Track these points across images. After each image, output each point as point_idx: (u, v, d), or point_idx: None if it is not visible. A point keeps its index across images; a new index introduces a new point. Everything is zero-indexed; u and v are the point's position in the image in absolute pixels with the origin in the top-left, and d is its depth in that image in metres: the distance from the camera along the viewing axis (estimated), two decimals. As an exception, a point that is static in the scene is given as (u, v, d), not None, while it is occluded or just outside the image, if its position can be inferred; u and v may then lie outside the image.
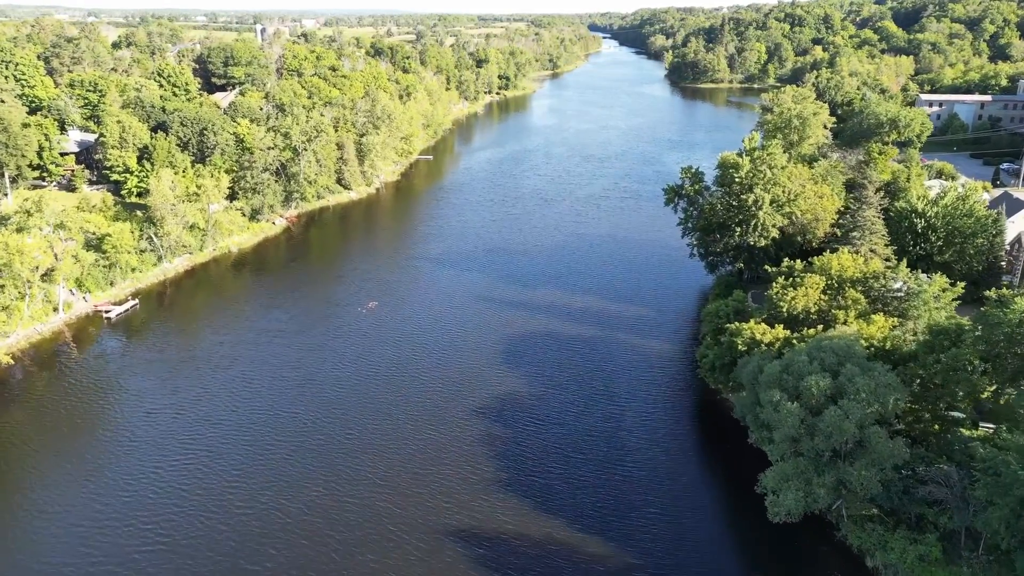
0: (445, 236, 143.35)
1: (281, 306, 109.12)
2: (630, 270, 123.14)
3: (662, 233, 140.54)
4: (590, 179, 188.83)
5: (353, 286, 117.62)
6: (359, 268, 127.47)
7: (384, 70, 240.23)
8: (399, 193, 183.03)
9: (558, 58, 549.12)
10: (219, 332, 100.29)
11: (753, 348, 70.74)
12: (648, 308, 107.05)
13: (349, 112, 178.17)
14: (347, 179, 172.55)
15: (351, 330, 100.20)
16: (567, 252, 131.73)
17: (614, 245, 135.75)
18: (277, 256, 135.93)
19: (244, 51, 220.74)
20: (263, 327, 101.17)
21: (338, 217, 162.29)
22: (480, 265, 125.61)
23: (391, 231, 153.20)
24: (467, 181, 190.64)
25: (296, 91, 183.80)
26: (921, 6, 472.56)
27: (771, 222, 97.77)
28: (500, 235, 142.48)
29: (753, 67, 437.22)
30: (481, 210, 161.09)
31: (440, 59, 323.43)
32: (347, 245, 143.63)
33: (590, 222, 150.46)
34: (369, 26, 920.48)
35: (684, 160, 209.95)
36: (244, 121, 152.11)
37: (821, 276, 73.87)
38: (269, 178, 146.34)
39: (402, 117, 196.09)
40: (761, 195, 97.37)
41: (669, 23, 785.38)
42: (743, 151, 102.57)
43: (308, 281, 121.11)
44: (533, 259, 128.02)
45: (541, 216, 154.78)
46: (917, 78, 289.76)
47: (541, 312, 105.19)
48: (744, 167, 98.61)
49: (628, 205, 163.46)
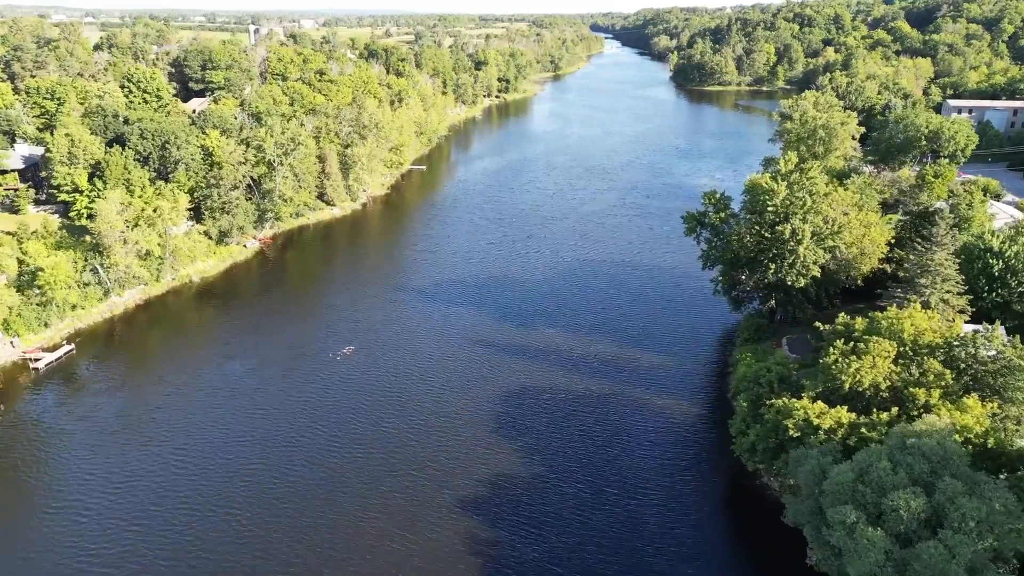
0: (435, 262, 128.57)
1: (241, 353, 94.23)
2: (640, 303, 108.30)
3: (675, 257, 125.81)
4: (594, 193, 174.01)
5: (328, 324, 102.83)
6: (337, 303, 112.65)
7: (375, 74, 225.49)
8: (387, 209, 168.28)
9: (560, 59, 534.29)
10: (165, 386, 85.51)
11: (808, 434, 55.97)
12: (663, 354, 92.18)
13: (332, 121, 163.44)
14: (330, 194, 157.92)
15: (320, 385, 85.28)
16: (569, 282, 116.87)
17: (622, 272, 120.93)
18: (246, 285, 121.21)
19: (224, 54, 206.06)
20: (216, 382, 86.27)
21: (319, 237, 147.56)
22: (473, 298, 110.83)
23: (375, 255, 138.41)
24: (462, 195, 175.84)
25: (276, 98, 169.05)
26: (934, 6, 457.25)
27: (812, 258, 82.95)
28: (496, 261, 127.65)
29: (762, 69, 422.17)
30: (476, 230, 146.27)
31: (437, 61, 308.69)
32: (326, 272, 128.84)
33: (594, 245, 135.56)
34: (369, 26, 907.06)
35: (694, 171, 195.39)
36: (214, 132, 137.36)
37: (891, 341, 58.95)
38: (240, 196, 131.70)
39: (391, 125, 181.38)
40: (800, 227, 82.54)
41: (673, 23, 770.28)
42: (777, 174, 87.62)
43: (277, 318, 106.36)
44: (532, 291, 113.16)
45: (541, 238, 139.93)
46: (938, 81, 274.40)
47: (540, 360, 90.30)
48: (779, 193, 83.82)
49: (636, 224, 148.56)
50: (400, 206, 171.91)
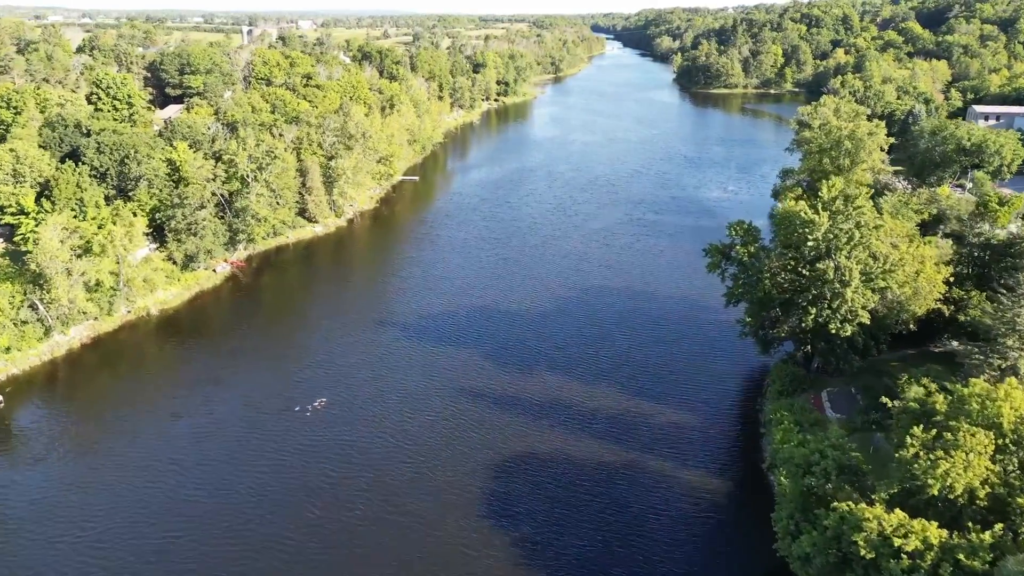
0: (423, 291, 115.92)
1: (192, 410, 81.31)
2: (652, 342, 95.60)
3: (689, 284, 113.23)
4: (598, 208, 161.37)
5: (299, 369, 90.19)
6: (311, 341, 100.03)
7: (366, 78, 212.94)
8: (375, 225, 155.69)
9: (561, 61, 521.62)
10: (95, 456, 72.68)
11: (886, 556, 43.37)
12: (681, 407, 79.56)
13: (315, 130, 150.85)
14: (311, 210, 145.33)
15: (277, 455, 72.35)
16: (572, 317, 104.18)
17: (630, 304, 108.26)
18: (211, 318, 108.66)
19: (203, 57, 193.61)
20: (156, 450, 73.19)
21: (299, 258, 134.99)
22: (462, 337, 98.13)
23: (358, 281, 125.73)
24: (456, 210, 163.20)
25: (256, 105, 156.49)
26: (946, 6, 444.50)
27: (861, 302, 70.34)
28: (490, 290, 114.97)
29: (769, 71, 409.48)
30: (469, 252, 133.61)
31: (433, 64, 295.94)
32: (302, 301, 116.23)
33: (599, 270, 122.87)
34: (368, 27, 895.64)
35: (705, 183, 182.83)
36: (182, 145, 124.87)
37: (986, 431, 46.29)
38: (208, 216, 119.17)
39: (380, 134, 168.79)
40: (847, 266, 69.91)
41: (675, 24, 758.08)
42: (819, 203, 74.77)
43: (240, 360, 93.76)
44: (529, 329, 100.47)
45: (540, 261, 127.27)
46: (957, 85, 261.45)
47: (539, 419, 77.61)
48: (820, 226, 71.18)
49: (644, 245, 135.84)
50: (389, 222, 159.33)
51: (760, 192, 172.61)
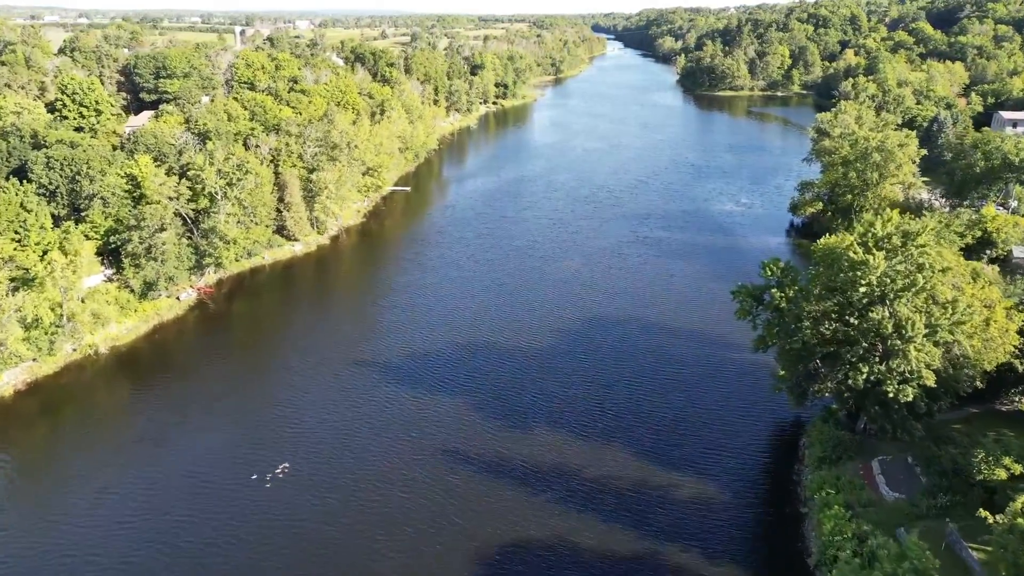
0: (408, 323, 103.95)
1: (124, 483, 69.38)
2: (663, 388, 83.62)
3: (703, 314, 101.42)
4: (601, 223, 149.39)
5: (261, 425, 78.31)
6: (278, 389, 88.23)
7: (356, 82, 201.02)
8: (361, 243, 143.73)
9: (561, 62, 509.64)
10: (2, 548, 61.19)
11: None
12: (703, 478, 67.59)
13: (295, 140, 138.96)
14: (291, 228, 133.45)
15: (227, 541, 60.76)
16: (573, 355, 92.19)
17: (637, 338, 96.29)
18: (169, 355, 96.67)
19: (180, 59, 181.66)
20: (72, 542, 61.70)
21: (275, 281, 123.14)
22: (451, 381, 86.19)
23: (337, 311, 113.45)
24: (449, 226, 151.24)
25: (232, 112, 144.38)
26: (956, 6, 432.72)
27: (925, 360, 58.42)
28: (483, 321, 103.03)
29: (776, 73, 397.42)
30: (461, 275, 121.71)
31: (428, 66, 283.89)
32: (274, 334, 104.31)
33: (603, 298, 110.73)
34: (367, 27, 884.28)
35: (715, 194, 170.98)
36: (144, 158, 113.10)
37: None
38: (171, 238, 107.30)
39: (368, 143, 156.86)
40: (908, 317, 58.02)
41: (677, 24, 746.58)
42: (869, 238, 62.68)
43: (196, 410, 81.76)
44: (525, 369, 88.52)
45: (539, 287, 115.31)
46: (976, 88, 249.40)
47: (535, 491, 65.61)
48: (876, 268, 59.21)
49: (652, 268, 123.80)
50: (376, 239, 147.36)
51: (776, 205, 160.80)
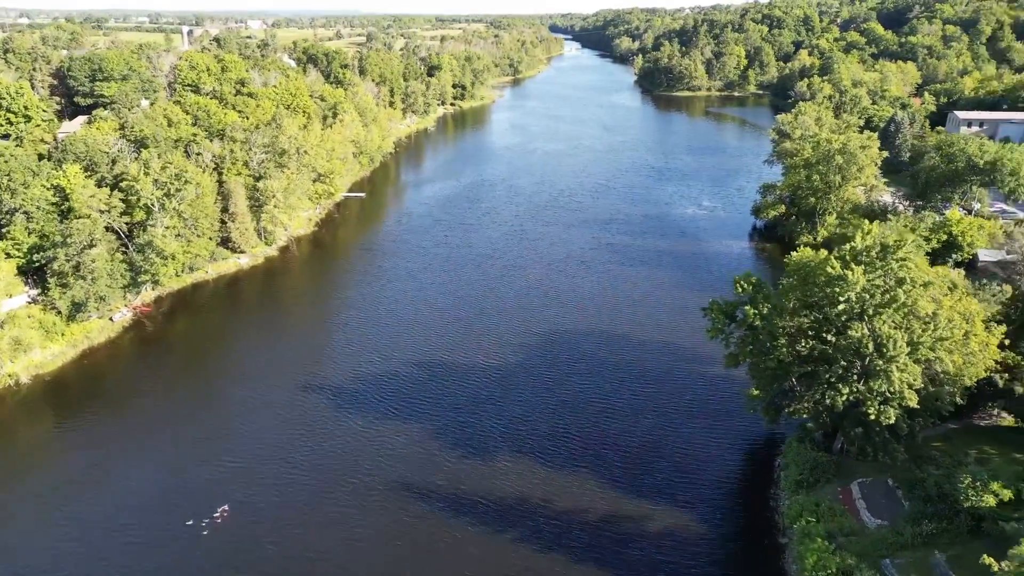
0: (362, 339, 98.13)
1: (30, 545, 62.78)
2: (630, 408, 79.37)
3: (669, 325, 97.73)
4: (564, 229, 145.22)
5: (201, 460, 71.95)
6: (218, 420, 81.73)
7: (307, 84, 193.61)
8: (313, 254, 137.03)
9: (519, 62, 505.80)
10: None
11: None
12: (677, 508, 63.44)
13: (240, 147, 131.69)
14: (236, 239, 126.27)
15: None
16: (535, 373, 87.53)
17: (601, 353, 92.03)
18: (98, 383, 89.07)
19: (118, 61, 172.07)
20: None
21: (220, 297, 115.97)
22: (405, 405, 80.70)
23: (286, 327, 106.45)
24: (405, 234, 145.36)
25: (173, 117, 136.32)
26: (905, 6, 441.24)
27: (908, 380, 55.18)
28: (440, 339, 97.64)
29: (732, 73, 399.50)
30: (418, 288, 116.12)
31: (384, 67, 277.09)
32: (216, 356, 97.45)
33: (565, 310, 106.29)
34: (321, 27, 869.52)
35: (677, 197, 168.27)
36: (73, 168, 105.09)
37: None
38: (101, 255, 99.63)
39: (319, 149, 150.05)
40: (890, 335, 54.69)
41: (634, 24, 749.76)
42: (849, 252, 59.16)
43: (123, 447, 74.88)
44: (485, 390, 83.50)
45: (499, 299, 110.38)
46: (929, 88, 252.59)
47: (499, 528, 60.78)
48: (855, 284, 55.74)
49: (616, 276, 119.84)
50: (329, 250, 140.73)
51: (738, 208, 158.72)
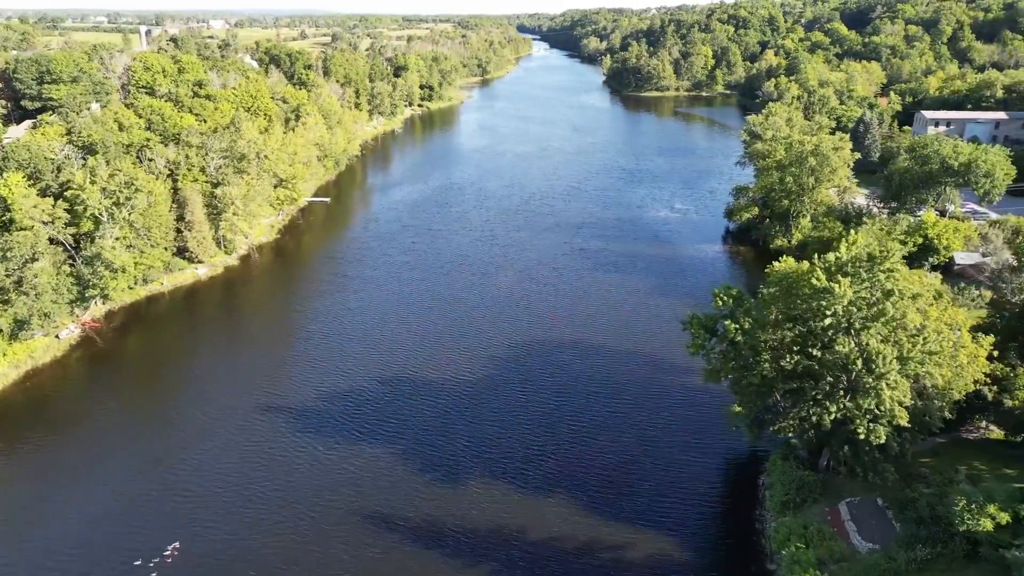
0: (325, 353, 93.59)
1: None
2: (604, 424, 76.22)
3: (644, 332, 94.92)
4: (535, 234, 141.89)
5: (151, 492, 67.03)
6: (170, 447, 76.71)
7: (269, 85, 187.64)
8: (275, 263, 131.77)
9: (487, 63, 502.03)
10: None
11: None
12: (658, 534, 60.26)
13: (196, 152, 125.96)
14: (193, 249, 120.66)
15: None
16: (505, 388, 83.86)
17: (574, 364, 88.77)
18: (42, 406, 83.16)
19: (67, 63, 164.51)
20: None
21: (176, 311, 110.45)
22: (370, 428, 76.52)
23: (245, 342, 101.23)
24: (372, 240, 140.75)
25: (124, 121, 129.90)
26: (867, 6, 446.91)
27: (898, 397, 52.71)
28: (407, 352, 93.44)
29: (700, 73, 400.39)
30: (384, 298, 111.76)
31: (349, 67, 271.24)
32: (169, 375, 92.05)
33: (538, 319, 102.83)
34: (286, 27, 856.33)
35: (649, 200, 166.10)
36: (15, 177, 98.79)
37: None
38: (45, 268, 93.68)
39: (279, 153, 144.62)
40: (879, 351, 52.14)
41: (602, 24, 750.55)
42: (835, 264, 56.46)
43: (69, 477, 69.63)
44: (452, 407, 79.67)
45: (470, 308, 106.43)
46: (894, 88, 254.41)
47: (469, 562, 57.17)
48: (842, 297, 53.08)
49: (589, 282, 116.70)
50: (292, 258, 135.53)
51: (710, 211, 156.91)
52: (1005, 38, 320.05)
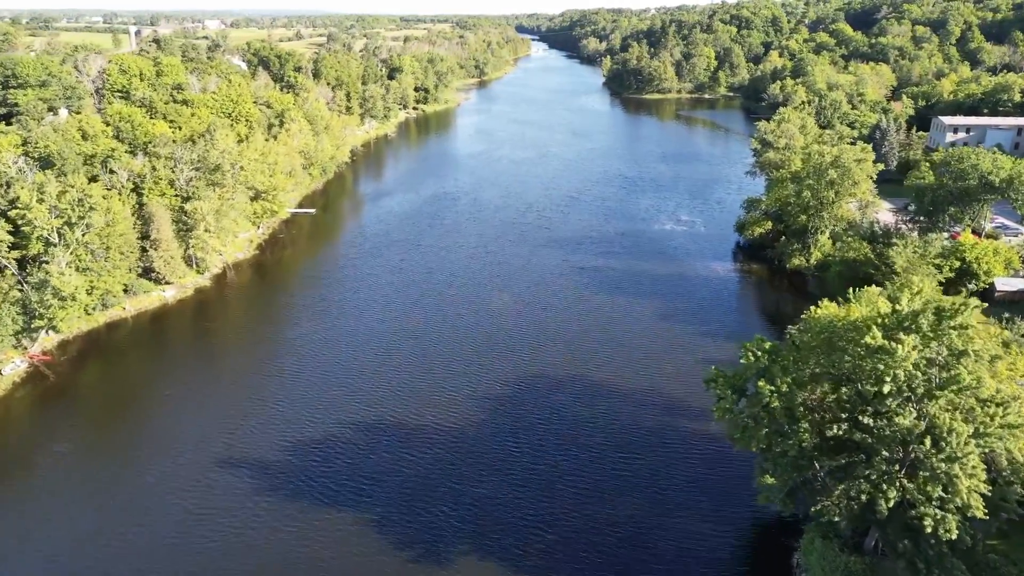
0: (296, 397, 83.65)
1: None
2: (616, 487, 66.52)
3: (653, 369, 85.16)
4: (532, 251, 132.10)
5: (95, 562, 57.33)
6: (125, 507, 66.94)
7: (252, 89, 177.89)
8: (252, 282, 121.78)
9: (485, 64, 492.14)
10: None
11: None
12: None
13: (164, 163, 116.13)
14: (160, 269, 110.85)
15: None
16: (500, 437, 74.13)
17: (578, 410, 78.91)
18: (-27, 459, 73.63)
19: (33, 66, 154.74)
20: None
21: (140, 338, 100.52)
22: (342, 488, 66.64)
23: (213, 377, 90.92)
24: (358, 257, 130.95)
25: (89, 130, 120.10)
26: (873, 7, 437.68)
27: (975, 486, 42.97)
28: (390, 393, 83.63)
29: (702, 75, 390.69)
30: (366, 326, 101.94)
31: (340, 70, 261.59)
32: (127, 415, 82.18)
33: (535, 352, 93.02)
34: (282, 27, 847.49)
35: (654, 212, 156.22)
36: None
37: None
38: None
39: (256, 164, 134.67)
40: (954, 428, 42.43)
41: (601, 25, 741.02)
42: (894, 318, 46.69)
43: (6, 543, 60.02)
44: (440, 466, 69.85)
45: (457, 340, 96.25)
46: (906, 91, 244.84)
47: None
48: (905, 358, 43.36)
49: (590, 307, 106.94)
50: (270, 277, 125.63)
51: (719, 223, 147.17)
52: (1016, 39, 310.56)
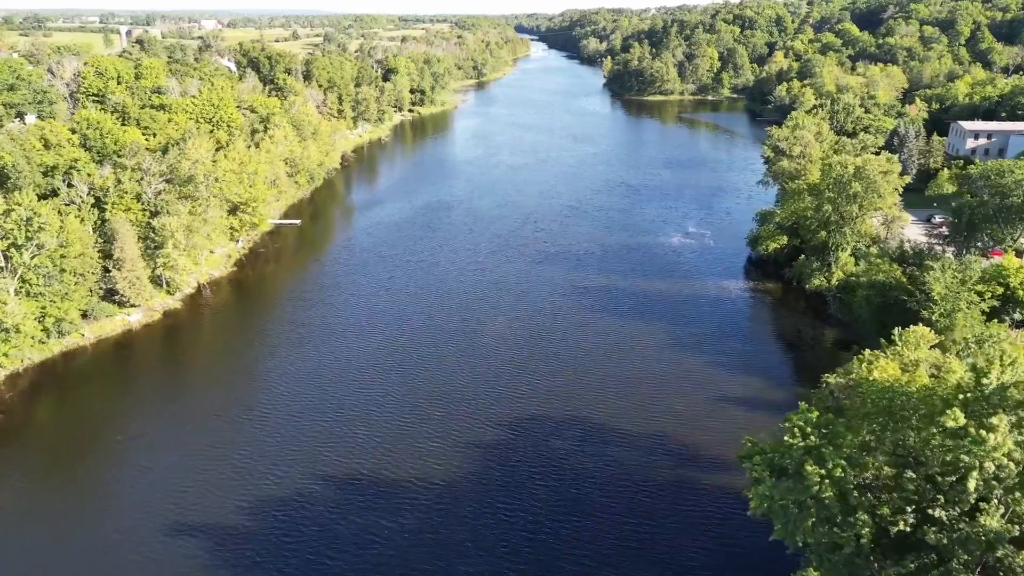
0: (269, 442, 74.42)
1: None
2: (627, 560, 57.75)
3: (664, 407, 76.12)
4: (530, 267, 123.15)
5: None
6: (78, 568, 57.97)
7: (234, 93, 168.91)
8: (227, 304, 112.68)
9: (484, 64, 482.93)
10: None
11: None
12: None
13: (129, 176, 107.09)
14: (124, 291, 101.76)
15: None
16: (498, 491, 65.19)
17: (584, 460, 69.90)
18: None
19: (3, 70, 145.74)
20: None
21: (100, 368, 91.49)
22: (321, 555, 57.91)
23: (171, 420, 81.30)
24: (343, 275, 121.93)
25: (52, 138, 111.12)
26: (879, 6, 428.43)
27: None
28: (363, 439, 74.56)
29: (705, 76, 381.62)
30: (349, 355, 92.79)
31: (333, 71, 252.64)
32: (79, 460, 72.95)
33: (535, 388, 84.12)
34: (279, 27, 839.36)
35: (660, 223, 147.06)
36: None
37: None
38: (-84, 331, 75.01)
39: (232, 174, 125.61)
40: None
41: (601, 25, 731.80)
42: (978, 393, 37.70)
43: None
44: (428, 530, 61.06)
45: (447, 374, 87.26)
46: (919, 93, 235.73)
47: None
48: (997, 448, 34.36)
49: (594, 332, 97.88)
50: (246, 297, 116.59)
51: (729, 236, 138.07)
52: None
